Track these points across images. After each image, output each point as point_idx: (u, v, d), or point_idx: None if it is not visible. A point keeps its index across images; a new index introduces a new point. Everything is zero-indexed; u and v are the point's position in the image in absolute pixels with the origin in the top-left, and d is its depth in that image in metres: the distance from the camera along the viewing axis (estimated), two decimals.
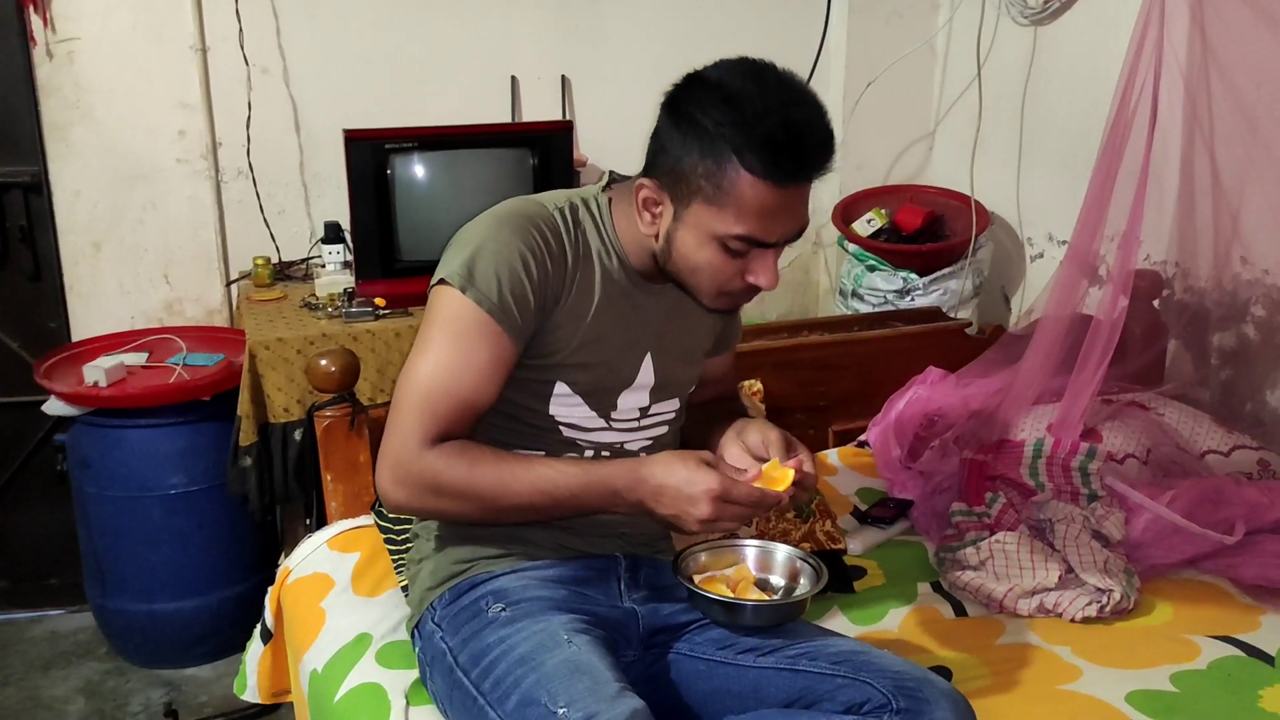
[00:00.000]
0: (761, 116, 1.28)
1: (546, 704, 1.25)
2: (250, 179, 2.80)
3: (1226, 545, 1.88)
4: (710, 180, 1.31)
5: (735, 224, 1.32)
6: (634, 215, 1.42)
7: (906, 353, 2.42)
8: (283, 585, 1.84)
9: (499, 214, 1.42)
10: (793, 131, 1.28)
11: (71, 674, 2.63)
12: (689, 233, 1.36)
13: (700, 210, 1.33)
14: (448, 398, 1.37)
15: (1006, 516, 1.93)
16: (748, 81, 1.31)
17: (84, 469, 2.52)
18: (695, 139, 1.31)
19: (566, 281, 1.42)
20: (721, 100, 1.30)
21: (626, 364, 1.49)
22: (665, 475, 1.32)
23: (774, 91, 1.30)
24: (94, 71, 2.65)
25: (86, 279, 2.77)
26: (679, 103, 1.35)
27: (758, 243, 1.34)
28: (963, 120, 3.03)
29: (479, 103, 2.90)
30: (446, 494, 1.37)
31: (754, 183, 1.29)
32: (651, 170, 1.38)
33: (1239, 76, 2.13)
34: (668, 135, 1.35)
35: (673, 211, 1.37)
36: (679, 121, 1.33)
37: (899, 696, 1.30)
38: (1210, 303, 2.38)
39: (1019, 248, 2.94)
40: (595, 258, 1.45)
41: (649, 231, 1.41)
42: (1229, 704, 1.54)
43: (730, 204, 1.31)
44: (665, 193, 1.37)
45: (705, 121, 1.30)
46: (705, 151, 1.30)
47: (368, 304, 2.48)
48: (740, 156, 1.28)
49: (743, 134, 1.28)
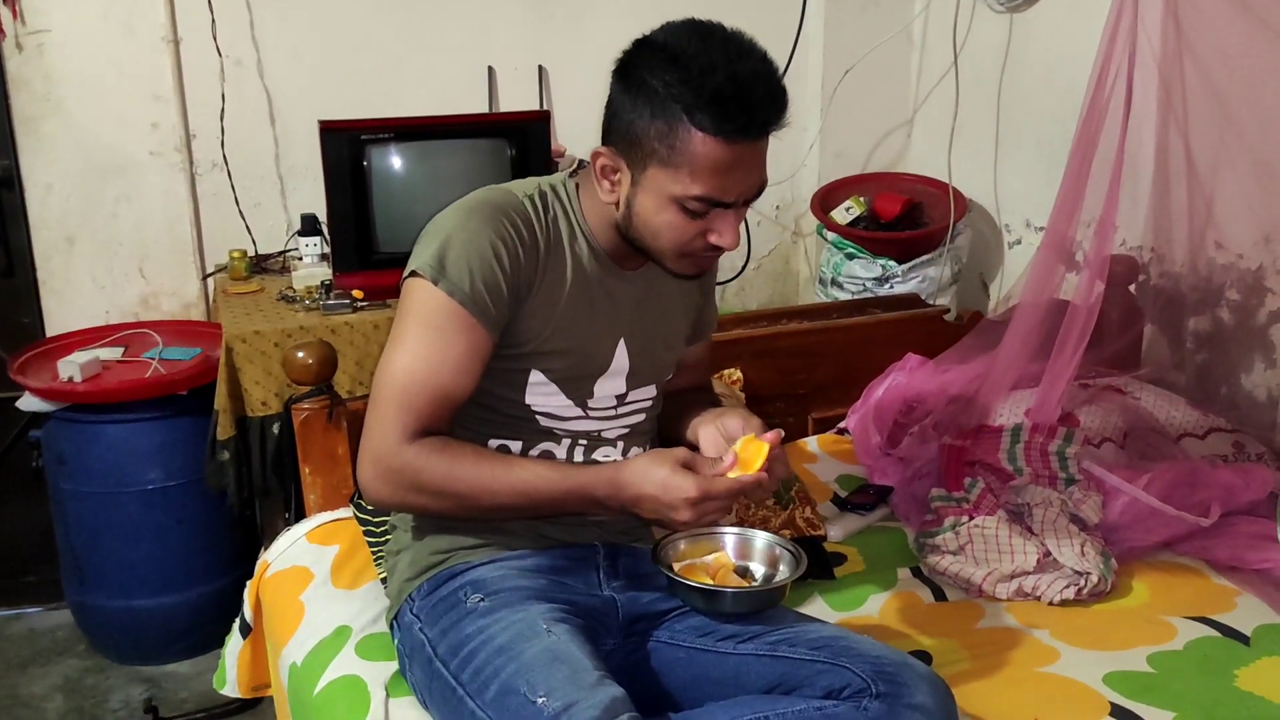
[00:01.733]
0: (708, 73, 1.28)
1: (526, 693, 1.25)
2: (225, 171, 2.78)
3: (1202, 527, 1.90)
4: (663, 142, 1.31)
5: (691, 184, 1.32)
6: (602, 203, 1.42)
7: (885, 340, 2.42)
8: (261, 579, 1.83)
9: (468, 203, 1.42)
10: (741, 86, 1.28)
11: (50, 671, 2.61)
12: (647, 196, 1.36)
13: (656, 173, 1.34)
14: (425, 391, 1.37)
15: (985, 501, 1.94)
16: (694, 40, 1.31)
17: (60, 465, 2.50)
18: (646, 102, 1.31)
19: (538, 269, 1.42)
20: (668, 60, 1.30)
21: (600, 350, 1.49)
22: (643, 483, 1.33)
23: (720, 48, 1.30)
24: (64, 64, 2.63)
25: (60, 274, 2.74)
26: (629, 67, 1.35)
27: (715, 202, 1.34)
28: (940, 108, 3.04)
29: (455, 93, 2.89)
30: (426, 491, 1.38)
31: (705, 140, 1.29)
32: (607, 138, 1.39)
33: (1212, 63, 2.14)
34: (619, 101, 1.35)
35: (630, 177, 1.37)
36: (629, 86, 1.34)
37: (878, 681, 1.30)
38: (1185, 287, 2.40)
39: (997, 234, 2.95)
40: (566, 244, 1.45)
41: (609, 199, 1.41)
42: (1205, 684, 1.56)
43: (684, 164, 1.31)
44: (621, 158, 1.37)
45: (654, 83, 1.30)
46: (656, 113, 1.31)
47: (345, 296, 2.47)
48: (690, 115, 1.29)
49: (691, 92, 1.28)
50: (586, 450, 1.52)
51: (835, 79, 3.07)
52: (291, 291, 2.57)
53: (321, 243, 2.65)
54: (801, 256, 3.33)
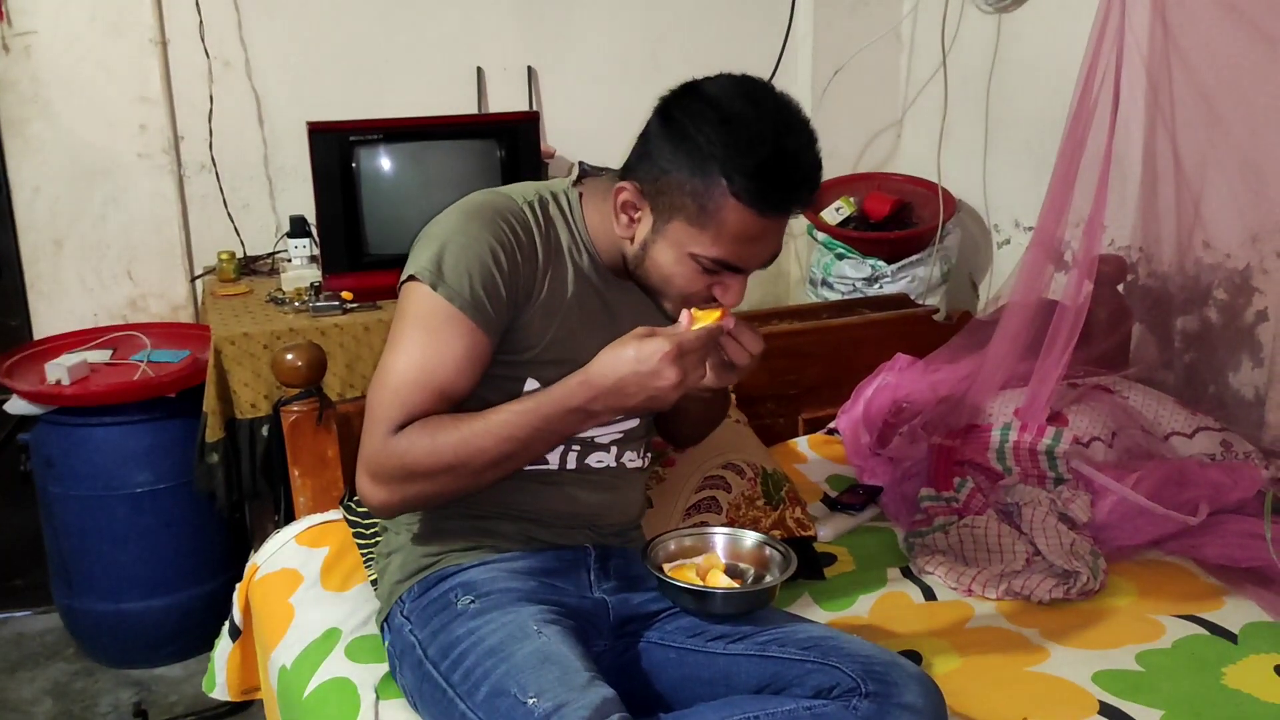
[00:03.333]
0: (756, 144, 1.26)
1: (516, 695, 1.25)
2: (213, 173, 2.77)
3: (1190, 526, 1.90)
4: (696, 199, 1.29)
5: (713, 247, 1.31)
6: (607, 212, 1.41)
7: (875, 340, 2.43)
8: (251, 581, 1.82)
9: (467, 207, 1.40)
10: (784, 162, 1.27)
11: (39, 675, 2.60)
12: (667, 246, 1.34)
13: (681, 227, 1.32)
14: (421, 390, 1.34)
15: (975, 501, 1.95)
16: (745, 104, 1.29)
17: (48, 468, 2.49)
18: (685, 155, 1.29)
19: (538, 277, 1.40)
20: (718, 120, 1.28)
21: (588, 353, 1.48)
22: (616, 367, 1.27)
23: (770, 117, 1.29)
24: (52, 65, 2.62)
25: (48, 276, 2.73)
26: (673, 112, 1.32)
27: (734, 268, 1.33)
28: (930, 108, 3.05)
29: (444, 94, 2.89)
30: (420, 475, 1.33)
31: (739, 208, 1.28)
32: (634, 173, 1.36)
33: (1199, 63, 2.15)
34: (657, 144, 1.33)
35: (652, 223, 1.35)
36: (671, 133, 1.31)
37: (868, 680, 1.30)
38: (1173, 287, 2.40)
39: (986, 234, 2.96)
40: (566, 253, 1.43)
41: (624, 234, 1.39)
42: (1193, 682, 1.56)
43: (712, 226, 1.29)
44: (647, 201, 1.35)
45: (699, 139, 1.28)
46: (694, 170, 1.28)
47: (335, 298, 2.46)
48: (730, 181, 1.27)
49: (735, 159, 1.26)
50: (579, 455, 1.51)
51: (825, 79, 3.07)
52: (280, 293, 2.56)
53: (310, 244, 2.65)
54: (792, 257, 3.34)
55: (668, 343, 1.25)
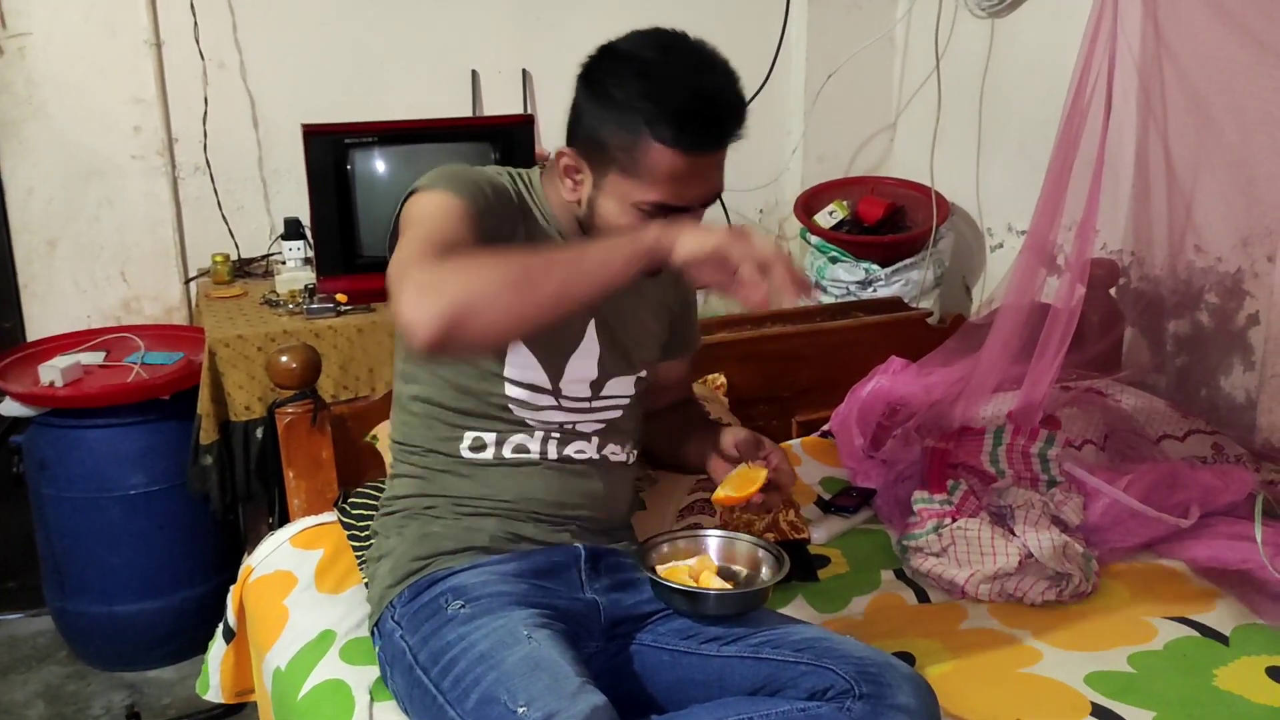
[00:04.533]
0: (671, 88, 1.33)
1: (506, 702, 1.25)
2: (208, 175, 2.77)
3: (1182, 528, 1.92)
4: (625, 151, 1.36)
5: (650, 191, 1.36)
6: (564, 199, 1.47)
7: (868, 343, 2.43)
8: (245, 583, 1.82)
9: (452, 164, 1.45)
10: (702, 101, 1.33)
11: (31, 678, 2.59)
12: (608, 200, 1.40)
13: (616, 180, 1.38)
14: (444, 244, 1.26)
15: (968, 503, 1.95)
16: (658, 52, 1.36)
17: (41, 470, 2.48)
18: (610, 111, 1.36)
19: (517, 227, 1.45)
20: (633, 73, 1.35)
21: (571, 325, 1.50)
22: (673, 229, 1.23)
23: (682, 61, 1.36)
24: (46, 67, 2.61)
25: (41, 278, 2.73)
26: (593, 75, 1.40)
27: (672, 208, 1.38)
28: (923, 112, 3.05)
29: (439, 97, 2.89)
30: (471, 269, 1.20)
31: (665, 152, 1.34)
32: (571, 140, 1.43)
33: (1191, 67, 2.16)
34: (585, 107, 1.40)
35: (592, 180, 1.42)
36: (594, 94, 1.39)
37: (861, 682, 1.31)
38: (1165, 290, 2.41)
39: (979, 238, 2.97)
40: (537, 218, 1.49)
41: (571, 198, 1.45)
42: (1184, 683, 1.57)
43: (644, 174, 1.36)
44: (584, 160, 1.41)
45: (618, 94, 1.35)
46: (620, 124, 1.35)
47: (329, 300, 2.46)
48: (652, 128, 1.33)
49: (653, 106, 1.33)
50: (560, 443, 1.53)
51: (818, 83, 3.08)
52: (275, 295, 2.56)
53: (305, 246, 2.65)
54: None
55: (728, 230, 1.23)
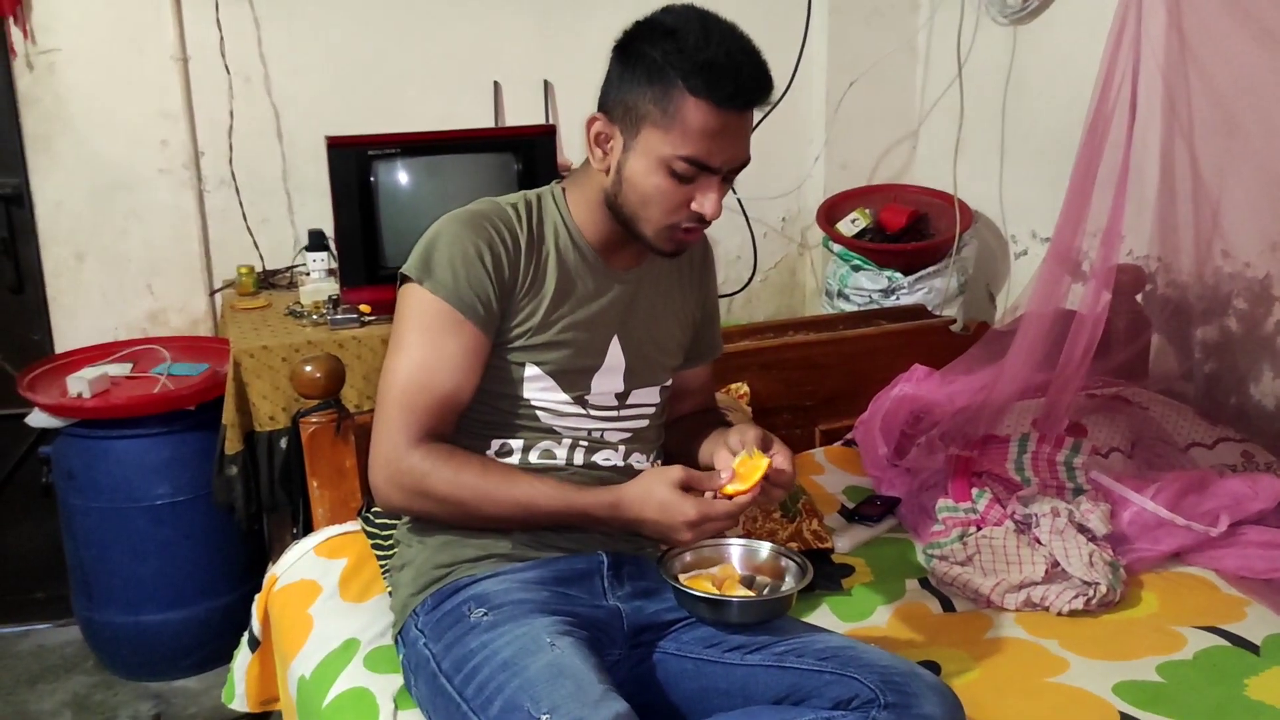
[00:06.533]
0: (703, 46, 1.37)
1: (529, 709, 1.25)
2: (233, 187, 2.80)
3: (1211, 537, 1.89)
4: (658, 105, 1.38)
5: (681, 145, 1.38)
6: (587, 191, 1.49)
7: (892, 351, 2.42)
8: (270, 592, 1.83)
9: (453, 213, 1.50)
10: (732, 59, 1.38)
11: (59, 688, 2.61)
12: (638, 159, 1.42)
13: (648, 135, 1.40)
14: (426, 393, 1.44)
15: (992, 512, 1.94)
16: (690, 18, 1.41)
17: (69, 481, 2.51)
18: (644, 70, 1.40)
19: (521, 266, 1.48)
20: (667, 34, 1.39)
21: (592, 345, 1.52)
22: (642, 507, 1.40)
23: (714, 26, 1.40)
24: (75, 82, 2.65)
25: (69, 290, 2.76)
26: (629, 41, 1.44)
27: (702, 165, 1.39)
28: (945, 119, 3.04)
29: (461, 108, 2.90)
30: (433, 497, 1.44)
31: (698, 104, 1.37)
32: (603, 107, 1.46)
33: (1216, 72, 2.14)
34: (618, 73, 1.44)
35: (623, 142, 1.43)
36: (628, 58, 1.42)
37: (887, 691, 1.30)
38: (1192, 296, 2.39)
39: (1003, 245, 2.95)
40: (552, 243, 1.51)
41: (600, 166, 1.47)
42: (1215, 694, 1.55)
43: (676, 125, 1.38)
44: (615, 125, 1.44)
45: (653, 53, 1.39)
46: (653, 79, 1.39)
47: (353, 311, 2.48)
48: (685, 80, 1.36)
49: (687, 60, 1.37)
50: (587, 451, 1.53)
51: (840, 91, 3.08)
52: (299, 306, 2.58)
53: (328, 258, 2.66)
54: (808, 269, 3.34)
55: (694, 510, 1.36)
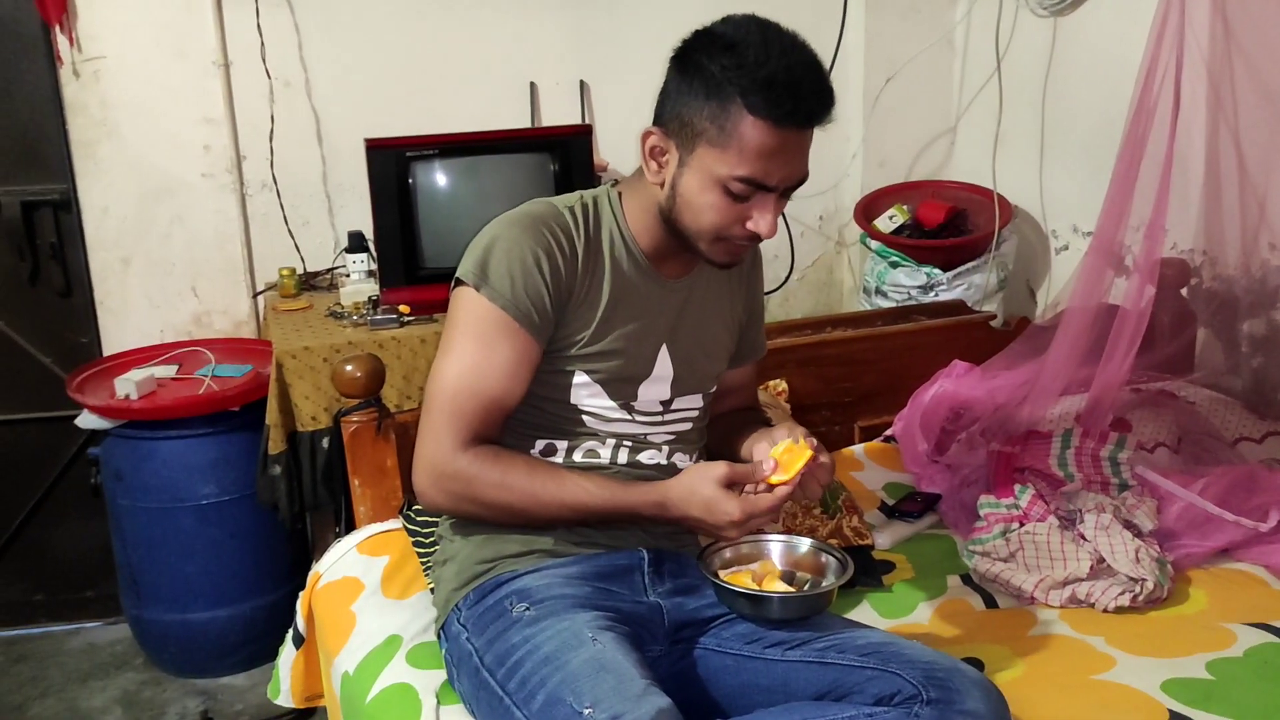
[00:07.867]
0: (764, 61, 1.34)
1: (572, 703, 1.25)
2: (274, 191, 2.83)
3: (1261, 532, 1.86)
4: (714, 122, 1.35)
5: (738, 165, 1.36)
6: (643, 196, 1.47)
7: (931, 346, 2.40)
8: (314, 590, 1.85)
9: (511, 215, 1.48)
10: (793, 75, 1.34)
11: (109, 685, 2.66)
12: (693, 176, 1.40)
13: (704, 153, 1.38)
14: (474, 398, 1.43)
15: (1035, 508, 1.92)
16: (752, 32, 1.37)
17: (117, 481, 2.55)
18: (701, 84, 1.36)
19: (579, 274, 1.46)
20: (726, 48, 1.35)
21: (642, 355, 1.51)
22: (687, 506, 1.40)
23: (775, 40, 1.37)
24: (120, 89, 2.69)
25: (116, 294, 2.80)
26: (687, 53, 1.40)
27: (758, 184, 1.37)
28: (984, 114, 3.01)
29: (498, 109, 2.92)
30: (479, 500, 1.45)
31: (755, 123, 1.34)
32: (659, 120, 1.44)
33: (1263, 62, 2.11)
34: (675, 85, 1.41)
35: (678, 157, 1.41)
36: (685, 70, 1.39)
37: (929, 687, 1.29)
38: (1239, 290, 2.35)
39: (1043, 240, 2.92)
40: (606, 251, 1.49)
41: (655, 180, 1.45)
42: (1267, 690, 1.52)
43: (733, 144, 1.35)
44: (671, 139, 1.41)
45: (712, 67, 1.35)
46: (711, 95, 1.35)
47: (392, 311, 2.50)
48: (744, 97, 1.33)
49: (747, 76, 1.33)
50: (631, 451, 1.53)
51: (877, 87, 3.06)
52: (339, 308, 2.61)
53: (368, 259, 2.69)
54: (845, 266, 3.32)
55: (738, 509, 1.36)
